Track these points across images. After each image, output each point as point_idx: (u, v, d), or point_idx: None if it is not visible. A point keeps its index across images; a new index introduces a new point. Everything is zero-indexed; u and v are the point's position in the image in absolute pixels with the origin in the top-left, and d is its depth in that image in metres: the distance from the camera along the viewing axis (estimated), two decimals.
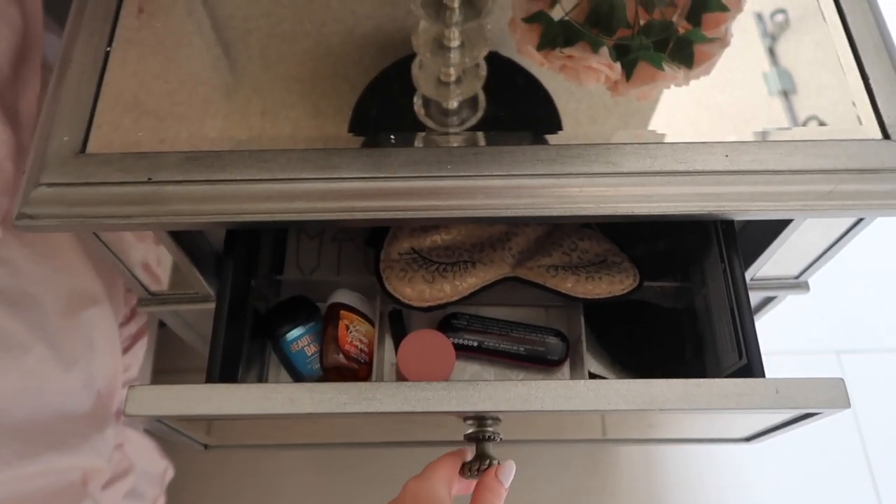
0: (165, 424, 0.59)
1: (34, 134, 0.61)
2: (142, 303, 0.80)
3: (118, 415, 0.81)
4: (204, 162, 0.58)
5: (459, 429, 0.58)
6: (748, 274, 0.75)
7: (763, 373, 0.65)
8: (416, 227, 0.76)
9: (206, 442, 0.73)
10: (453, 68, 0.57)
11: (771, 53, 0.65)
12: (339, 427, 0.72)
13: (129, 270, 0.72)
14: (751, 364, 0.65)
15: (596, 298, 0.74)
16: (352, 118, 0.61)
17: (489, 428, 0.56)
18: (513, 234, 0.77)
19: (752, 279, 0.79)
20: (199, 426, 0.69)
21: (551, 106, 0.63)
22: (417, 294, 0.72)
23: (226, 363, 0.66)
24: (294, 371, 0.78)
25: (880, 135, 0.60)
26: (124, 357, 0.85)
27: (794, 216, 0.63)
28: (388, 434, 0.78)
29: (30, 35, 0.73)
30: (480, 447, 0.55)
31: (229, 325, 0.66)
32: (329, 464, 1.13)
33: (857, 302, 1.28)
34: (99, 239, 0.66)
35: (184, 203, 0.57)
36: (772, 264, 0.74)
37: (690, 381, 0.54)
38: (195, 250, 0.70)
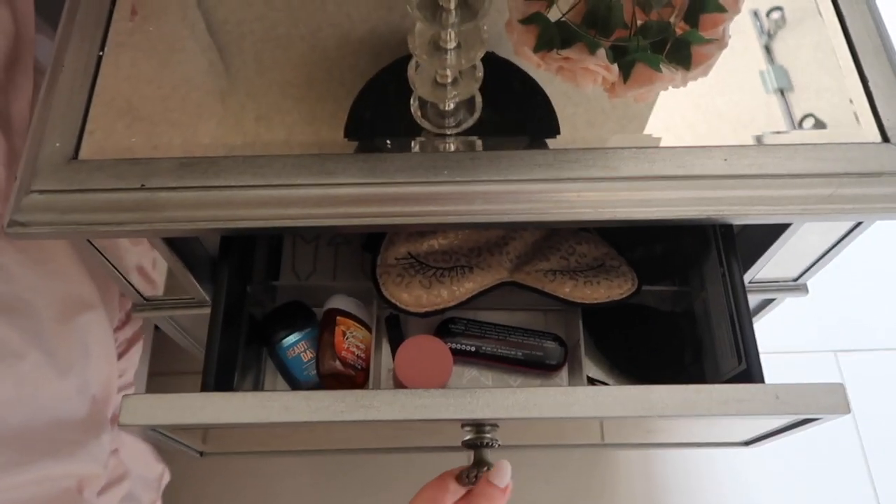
0: (160, 433, 0.58)
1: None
2: (136, 308, 0.79)
3: (113, 420, 0.80)
4: (198, 168, 0.57)
5: (457, 435, 0.57)
6: (747, 276, 0.74)
7: (762, 377, 0.65)
8: (413, 232, 0.75)
9: (202, 449, 0.72)
10: (450, 70, 0.57)
11: (769, 55, 0.65)
12: (337, 434, 0.72)
13: (124, 276, 0.72)
14: (750, 369, 0.65)
15: (594, 303, 0.73)
16: (347, 122, 0.61)
17: (487, 434, 0.56)
18: (510, 239, 0.77)
19: (751, 282, 0.78)
20: (195, 434, 0.69)
21: (549, 108, 0.62)
22: (414, 299, 0.71)
23: (221, 370, 0.65)
24: (290, 378, 0.77)
25: (880, 138, 0.60)
26: (119, 362, 0.85)
27: (794, 220, 0.62)
28: (386, 440, 0.78)
29: (21, 38, 0.73)
30: (478, 453, 0.55)
31: (224, 332, 0.66)
32: (327, 468, 1.13)
33: (855, 302, 1.28)
34: (92, 245, 0.65)
35: (177, 210, 0.56)
36: (771, 267, 0.74)
37: (690, 387, 0.54)
38: (190, 256, 0.69)
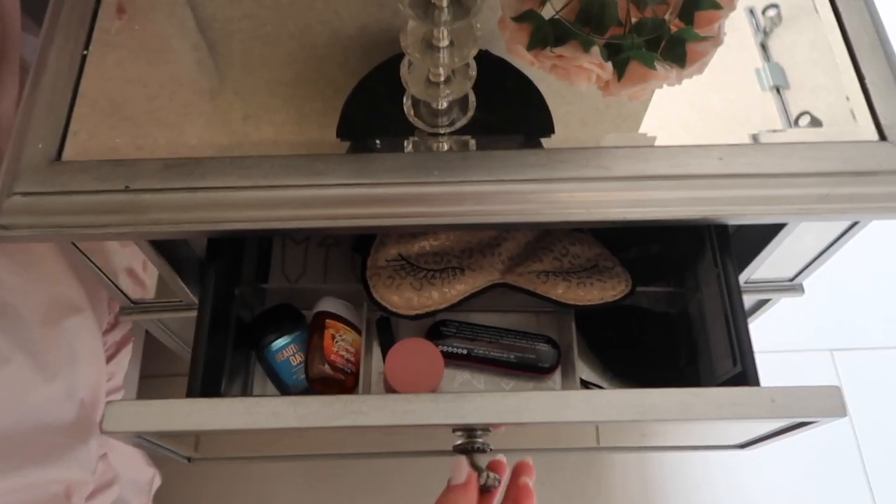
0: (146, 440, 0.57)
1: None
2: (123, 311, 0.78)
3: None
4: (183, 169, 0.56)
5: (449, 439, 0.56)
6: (742, 277, 0.74)
7: (758, 380, 0.64)
8: (404, 233, 0.74)
9: (190, 455, 0.71)
10: (442, 68, 0.56)
11: (765, 53, 0.64)
12: (328, 439, 0.71)
13: (110, 278, 0.71)
14: (745, 371, 0.64)
15: (587, 305, 0.73)
16: (339, 122, 0.60)
17: (479, 439, 0.55)
18: (503, 240, 0.76)
19: (747, 282, 0.77)
20: (185, 440, 0.68)
21: (543, 107, 0.61)
22: (405, 302, 0.70)
23: (208, 375, 0.64)
24: (279, 382, 0.76)
25: (877, 136, 0.59)
26: (108, 365, 0.84)
27: (790, 220, 0.62)
28: (378, 445, 0.77)
29: (6, 36, 0.71)
30: (470, 459, 0.54)
31: (211, 336, 0.65)
32: (319, 472, 1.12)
33: (852, 301, 1.28)
34: (77, 248, 0.64)
35: (162, 212, 0.55)
36: (766, 267, 0.73)
37: (685, 391, 0.53)
38: (177, 258, 0.68)
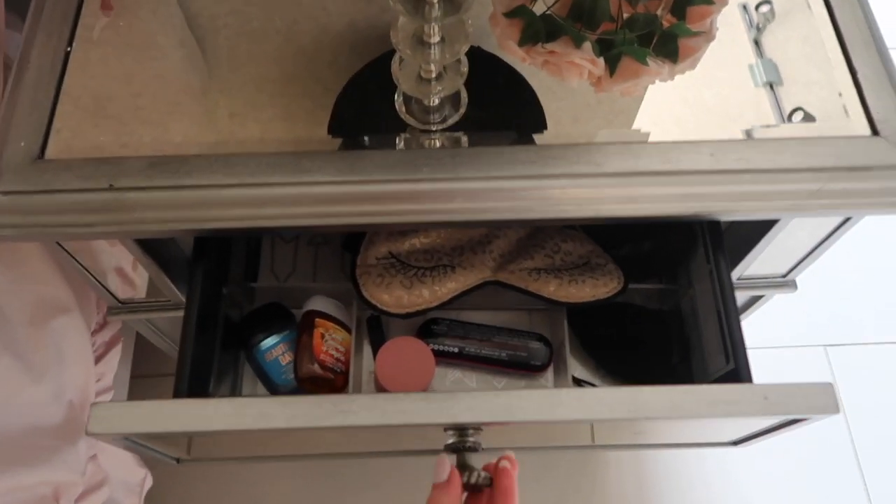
0: (133, 442, 0.56)
1: None
2: (111, 311, 0.77)
3: None
4: (168, 167, 0.55)
5: (440, 438, 0.56)
6: (735, 273, 0.73)
7: (751, 377, 0.64)
8: (394, 231, 0.74)
9: (179, 456, 0.71)
10: (434, 64, 0.55)
11: (758, 48, 0.64)
12: (319, 439, 0.70)
13: (97, 278, 0.70)
14: (738, 368, 0.64)
15: (579, 302, 0.72)
16: (331, 119, 0.59)
17: (470, 438, 0.54)
18: (494, 237, 0.75)
19: (739, 279, 0.77)
20: (176, 441, 0.67)
21: (536, 103, 0.61)
22: (395, 300, 0.70)
23: (195, 375, 0.63)
24: (269, 382, 0.75)
25: (869, 131, 0.59)
26: (98, 365, 0.83)
27: (782, 216, 0.61)
28: (370, 444, 0.76)
29: None
30: (461, 458, 0.53)
31: (199, 336, 0.64)
32: (311, 471, 1.11)
33: (845, 296, 1.28)
34: (62, 247, 0.63)
35: (147, 210, 0.55)
36: (759, 263, 0.73)
37: (678, 388, 0.53)
38: (164, 257, 0.67)
